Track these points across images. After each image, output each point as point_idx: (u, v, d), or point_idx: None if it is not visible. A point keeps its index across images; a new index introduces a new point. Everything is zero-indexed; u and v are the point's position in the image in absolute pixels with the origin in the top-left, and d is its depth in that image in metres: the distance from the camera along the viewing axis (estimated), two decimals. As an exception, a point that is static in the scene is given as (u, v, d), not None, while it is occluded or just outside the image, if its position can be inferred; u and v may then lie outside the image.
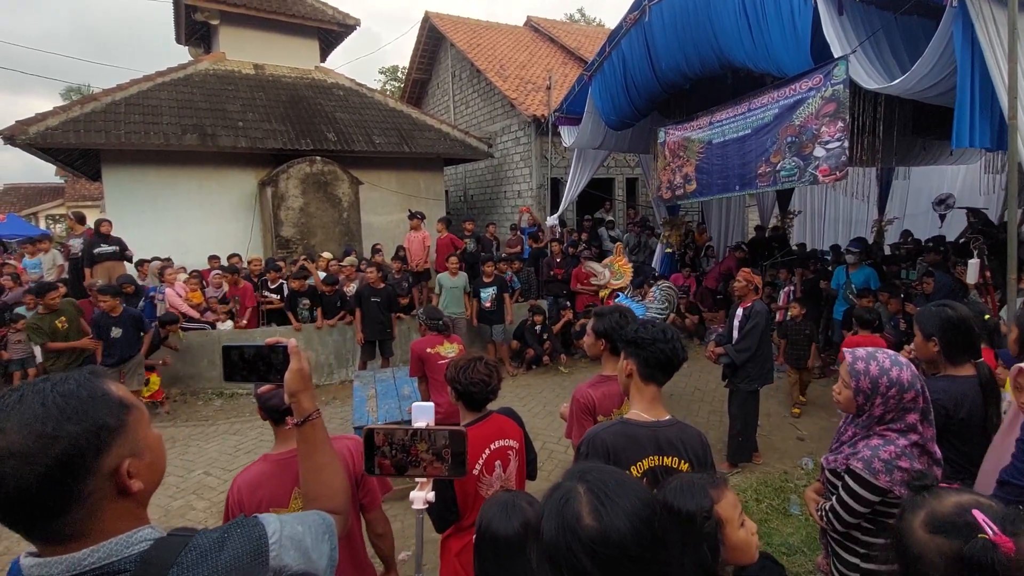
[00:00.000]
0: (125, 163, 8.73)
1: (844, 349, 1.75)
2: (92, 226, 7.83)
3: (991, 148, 4.53)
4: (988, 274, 5.13)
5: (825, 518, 1.80)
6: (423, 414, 1.45)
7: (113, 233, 7.68)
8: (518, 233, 9.90)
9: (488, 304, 7.30)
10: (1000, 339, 3.53)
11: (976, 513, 0.95)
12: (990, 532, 0.91)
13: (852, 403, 1.68)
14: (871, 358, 1.66)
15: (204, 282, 7.88)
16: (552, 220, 9.83)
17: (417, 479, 1.46)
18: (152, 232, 8.77)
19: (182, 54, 14.73)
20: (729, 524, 1.29)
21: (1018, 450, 1.73)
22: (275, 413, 1.78)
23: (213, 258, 8.45)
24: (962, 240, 7.48)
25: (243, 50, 10.57)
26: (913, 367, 1.64)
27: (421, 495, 1.44)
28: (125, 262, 7.76)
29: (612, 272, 6.07)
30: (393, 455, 1.33)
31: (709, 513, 1.26)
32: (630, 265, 6.23)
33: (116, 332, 5.67)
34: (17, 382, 4.04)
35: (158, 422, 6.22)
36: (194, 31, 11.26)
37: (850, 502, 1.71)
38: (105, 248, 7.48)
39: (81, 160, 9.98)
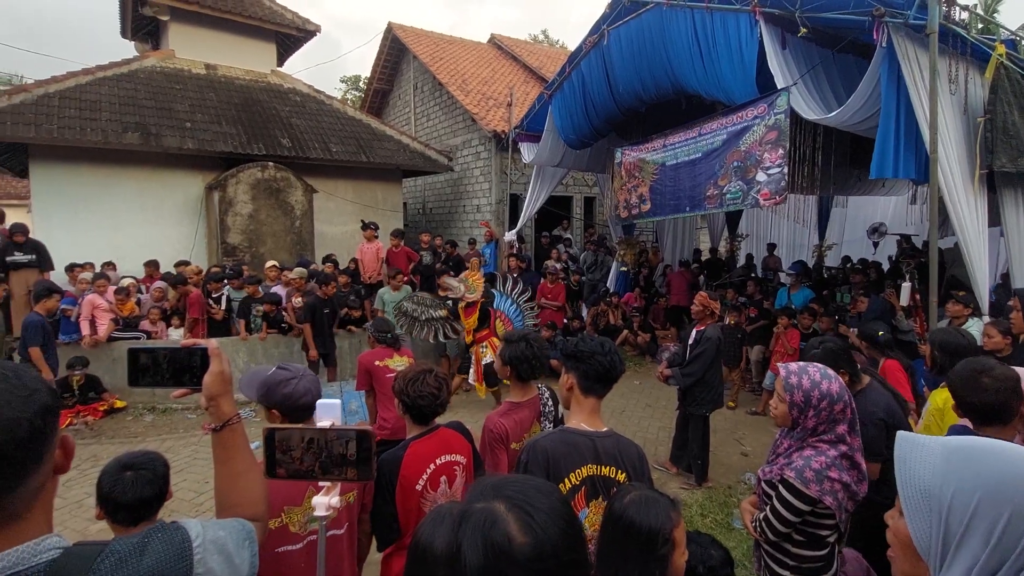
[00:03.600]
0: (57, 160, 8.19)
1: (778, 364, 1.81)
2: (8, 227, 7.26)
3: (916, 179, 4.85)
4: (918, 296, 5.44)
5: (758, 528, 1.83)
6: (328, 412, 1.32)
7: (39, 236, 7.14)
8: (475, 248, 9.86)
9: (443, 317, 7.18)
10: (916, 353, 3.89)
11: None
12: None
13: (787, 416, 1.73)
14: (803, 372, 1.71)
15: (142, 290, 7.44)
16: (510, 236, 9.86)
17: (322, 483, 1.32)
18: (84, 235, 8.23)
19: (128, 49, 14.07)
20: (678, 549, 1.29)
21: None
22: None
23: (149, 264, 7.98)
24: (896, 264, 7.96)
25: (194, 49, 10.19)
26: (841, 380, 1.70)
27: (324, 500, 1.29)
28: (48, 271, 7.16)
29: (467, 286, 6.30)
30: (289, 461, 1.19)
31: (669, 535, 1.25)
32: (483, 279, 6.60)
33: None
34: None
35: (79, 439, 5.78)
36: (142, 26, 10.78)
37: (783, 511, 1.74)
38: (19, 257, 6.91)
39: (7, 155, 9.31)
